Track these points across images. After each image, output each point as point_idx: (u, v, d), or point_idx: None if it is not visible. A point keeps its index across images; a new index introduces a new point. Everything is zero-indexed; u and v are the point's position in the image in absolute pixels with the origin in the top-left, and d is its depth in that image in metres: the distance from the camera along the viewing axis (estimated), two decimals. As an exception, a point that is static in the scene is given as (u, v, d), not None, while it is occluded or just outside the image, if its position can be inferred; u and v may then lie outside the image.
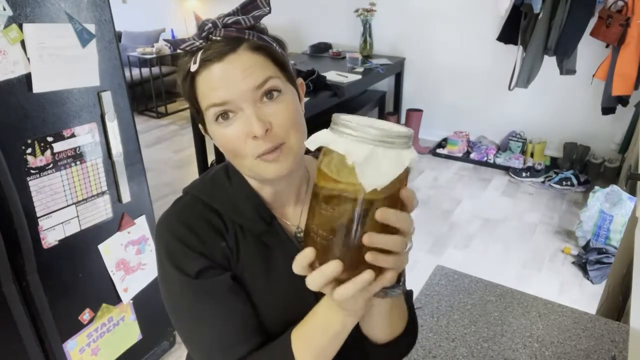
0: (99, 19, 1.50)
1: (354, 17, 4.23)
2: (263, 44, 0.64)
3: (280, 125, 0.63)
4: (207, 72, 0.62)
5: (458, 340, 1.13)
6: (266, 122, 0.62)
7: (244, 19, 0.63)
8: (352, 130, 0.46)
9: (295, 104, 0.67)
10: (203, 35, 0.62)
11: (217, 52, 0.61)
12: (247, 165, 0.66)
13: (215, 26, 0.62)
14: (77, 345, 1.68)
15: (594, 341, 1.13)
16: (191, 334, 0.70)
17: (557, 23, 3.22)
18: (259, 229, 0.71)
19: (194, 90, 0.65)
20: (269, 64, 0.64)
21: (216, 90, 0.62)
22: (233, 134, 0.63)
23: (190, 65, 0.63)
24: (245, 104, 0.62)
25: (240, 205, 0.71)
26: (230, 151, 0.65)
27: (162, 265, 0.69)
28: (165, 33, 5.76)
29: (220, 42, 0.62)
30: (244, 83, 0.61)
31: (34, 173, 1.43)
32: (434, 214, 3.35)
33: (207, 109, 0.64)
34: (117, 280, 1.77)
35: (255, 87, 0.62)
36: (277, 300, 0.71)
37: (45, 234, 1.50)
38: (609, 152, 3.74)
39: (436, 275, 1.37)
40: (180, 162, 4.22)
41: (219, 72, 0.61)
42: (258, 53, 0.63)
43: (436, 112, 4.39)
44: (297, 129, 0.65)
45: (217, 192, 0.72)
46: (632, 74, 3.03)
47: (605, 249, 2.73)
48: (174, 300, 0.70)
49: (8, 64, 1.30)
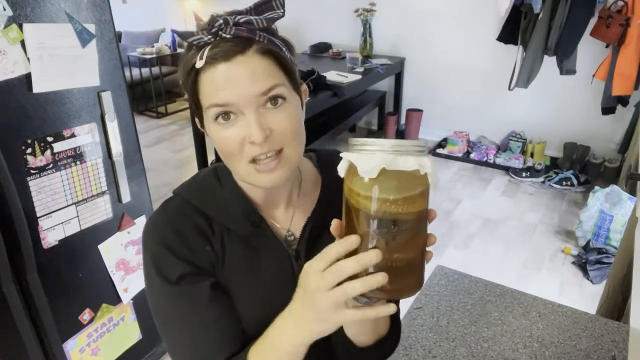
0: (99, 19, 1.50)
1: (354, 17, 4.24)
2: (273, 48, 0.62)
3: (280, 132, 0.62)
4: (213, 70, 0.60)
5: (458, 340, 1.13)
6: (267, 128, 0.61)
7: (256, 19, 0.61)
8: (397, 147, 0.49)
9: (298, 113, 0.65)
10: (213, 30, 0.60)
11: (225, 51, 0.59)
12: (240, 169, 0.64)
13: (226, 23, 0.60)
14: (77, 345, 1.68)
15: (594, 341, 1.13)
16: (170, 341, 0.69)
17: (557, 23, 3.22)
18: (246, 231, 0.70)
19: (196, 86, 0.63)
20: (277, 70, 0.62)
21: (220, 91, 0.60)
22: (231, 137, 0.62)
23: (195, 60, 0.61)
24: (248, 109, 0.60)
25: (228, 208, 0.70)
26: (227, 153, 0.64)
27: (147, 271, 0.69)
28: (165, 33, 5.76)
29: (229, 40, 0.60)
30: (249, 88, 0.59)
31: (34, 173, 1.43)
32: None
33: (208, 108, 0.62)
34: (117, 280, 1.76)
35: (260, 93, 0.60)
36: (263, 303, 0.69)
37: (45, 234, 1.50)
38: (609, 152, 3.74)
39: (436, 275, 1.37)
40: (180, 162, 4.22)
41: (224, 73, 0.59)
42: (267, 57, 0.61)
43: (436, 112, 4.39)
44: (297, 138, 0.64)
45: (207, 194, 0.71)
46: (632, 74, 3.03)
47: (605, 249, 2.73)
48: (156, 307, 0.70)
49: (8, 64, 1.30)
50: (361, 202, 0.50)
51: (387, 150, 0.49)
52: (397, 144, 0.49)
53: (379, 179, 0.48)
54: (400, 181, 0.49)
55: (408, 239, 0.50)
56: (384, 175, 0.48)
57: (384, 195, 0.49)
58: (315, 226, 0.72)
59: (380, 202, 0.49)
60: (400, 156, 0.48)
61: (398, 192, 0.49)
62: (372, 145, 0.49)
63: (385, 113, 4.51)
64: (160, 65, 5.31)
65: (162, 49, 5.28)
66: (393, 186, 0.49)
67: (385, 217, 0.49)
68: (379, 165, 0.48)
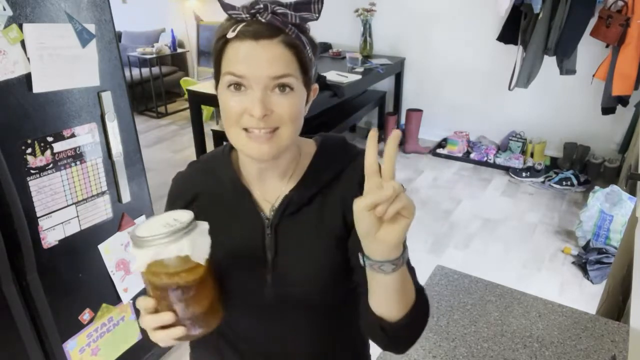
0: (99, 19, 1.50)
1: (354, 17, 4.24)
2: (297, 42, 0.68)
3: (279, 115, 0.68)
4: (240, 44, 0.66)
5: (458, 340, 1.13)
6: (268, 109, 0.67)
7: (292, 15, 0.67)
8: (158, 239, 0.60)
9: (301, 105, 0.71)
10: (252, 11, 0.66)
11: (256, 32, 0.66)
12: (233, 134, 0.71)
13: (265, 9, 0.66)
14: (77, 345, 1.68)
15: (594, 341, 1.13)
16: None
17: (557, 23, 3.22)
18: (230, 197, 0.80)
19: (222, 53, 0.69)
20: (294, 62, 0.68)
21: (240, 63, 0.67)
22: (235, 105, 0.68)
23: (229, 32, 0.67)
24: (257, 86, 0.67)
25: (222, 175, 0.80)
26: (227, 117, 0.70)
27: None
28: (165, 33, 5.76)
29: (262, 24, 0.66)
30: (264, 69, 0.66)
31: (34, 173, 1.43)
32: (434, 214, 3.35)
33: (224, 74, 0.69)
34: (117, 280, 1.76)
35: (272, 76, 0.66)
36: (226, 260, 0.76)
37: (45, 234, 1.50)
38: (609, 152, 3.74)
39: (436, 275, 1.37)
40: (180, 162, 4.22)
41: (248, 49, 0.66)
42: (289, 49, 0.67)
43: (436, 112, 4.39)
44: (294, 123, 0.70)
45: (212, 160, 0.83)
46: (632, 74, 3.03)
47: (605, 249, 2.73)
48: None
49: (8, 64, 1.30)
50: (150, 279, 0.63)
51: (153, 245, 0.60)
52: (161, 237, 0.60)
53: (151, 267, 0.61)
54: (167, 265, 0.61)
55: (196, 294, 0.64)
56: (153, 265, 0.61)
57: (156, 279, 0.62)
58: (293, 202, 0.77)
59: (160, 280, 0.62)
60: (164, 247, 0.60)
61: (170, 274, 0.62)
62: (143, 241, 0.60)
63: (385, 113, 4.51)
64: (160, 65, 5.31)
65: (162, 49, 5.28)
66: (162, 271, 0.61)
67: (169, 287, 0.63)
68: (145, 262, 0.61)
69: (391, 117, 4.41)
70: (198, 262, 0.62)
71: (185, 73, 5.95)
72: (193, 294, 0.63)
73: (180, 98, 5.82)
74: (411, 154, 4.36)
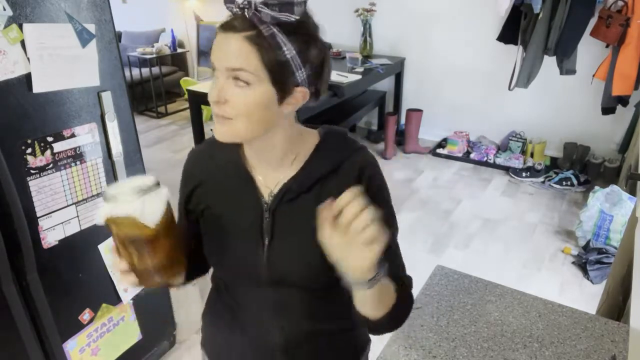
0: (99, 19, 1.50)
1: (354, 17, 4.24)
2: (262, 41, 0.69)
3: (232, 106, 0.73)
4: (219, 34, 0.73)
5: (458, 340, 1.13)
6: (222, 97, 0.73)
7: (267, 13, 0.69)
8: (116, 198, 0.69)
9: (259, 100, 0.73)
10: (240, 6, 0.71)
11: (230, 24, 0.71)
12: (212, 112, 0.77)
13: (249, 6, 0.70)
14: (77, 345, 1.68)
15: (594, 341, 1.13)
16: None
17: (557, 23, 3.22)
18: (233, 181, 0.86)
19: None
20: (254, 59, 0.70)
21: (213, 52, 0.73)
22: (210, 89, 0.75)
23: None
24: (220, 74, 0.73)
25: (227, 159, 0.86)
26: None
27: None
28: (165, 33, 5.76)
29: (246, 19, 0.70)
30: (223, 59, 0.72)
31: (34, 173, 1.43)
32: (434, 214, 3.35)
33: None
34: (117, 280, 1.76)
35: (227, 67, 0.71)
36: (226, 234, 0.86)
37: (45, 234, 1.50)
38: (609, 152, 3.74)
39: (436, 275, 1.37)
40: (180, 162, 4.14)
41: (220, 40, 0.72)
42: (252, 45, 0.69)
43: (436, 112, 4.39)
44: (249, 118, 0.74)
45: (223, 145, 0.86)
46: (632, 74, 3.03)
47: (605, 249, 2.73)
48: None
49: (8, 64, 1.30)
50: (111, 229, 0.73)
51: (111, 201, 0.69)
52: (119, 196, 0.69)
53: (110, 220, 0.70)
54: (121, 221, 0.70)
55: (150, 249, 0.72)
56: (111, 219, 0.70)
57: (114, 230, 0.72)
58: (292, 189, 0.81)
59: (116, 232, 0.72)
60: (119, 205, 0.68)
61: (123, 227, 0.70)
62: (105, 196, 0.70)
63: (385, 113, 4.50)
64: (160, 65, 5.31)
65: (162, 49, 5.28)
66: (120, 223, 0.70)
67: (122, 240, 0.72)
68: (104, 215, 0.70)
69: (391, 117, 4.40)
70: (145, 223, 0.69)
71: (185, 73, 5.95)
72: (147, 249, 0.72)
73: (180, 98, 5.82)
74: (411, 154, 4.36)
